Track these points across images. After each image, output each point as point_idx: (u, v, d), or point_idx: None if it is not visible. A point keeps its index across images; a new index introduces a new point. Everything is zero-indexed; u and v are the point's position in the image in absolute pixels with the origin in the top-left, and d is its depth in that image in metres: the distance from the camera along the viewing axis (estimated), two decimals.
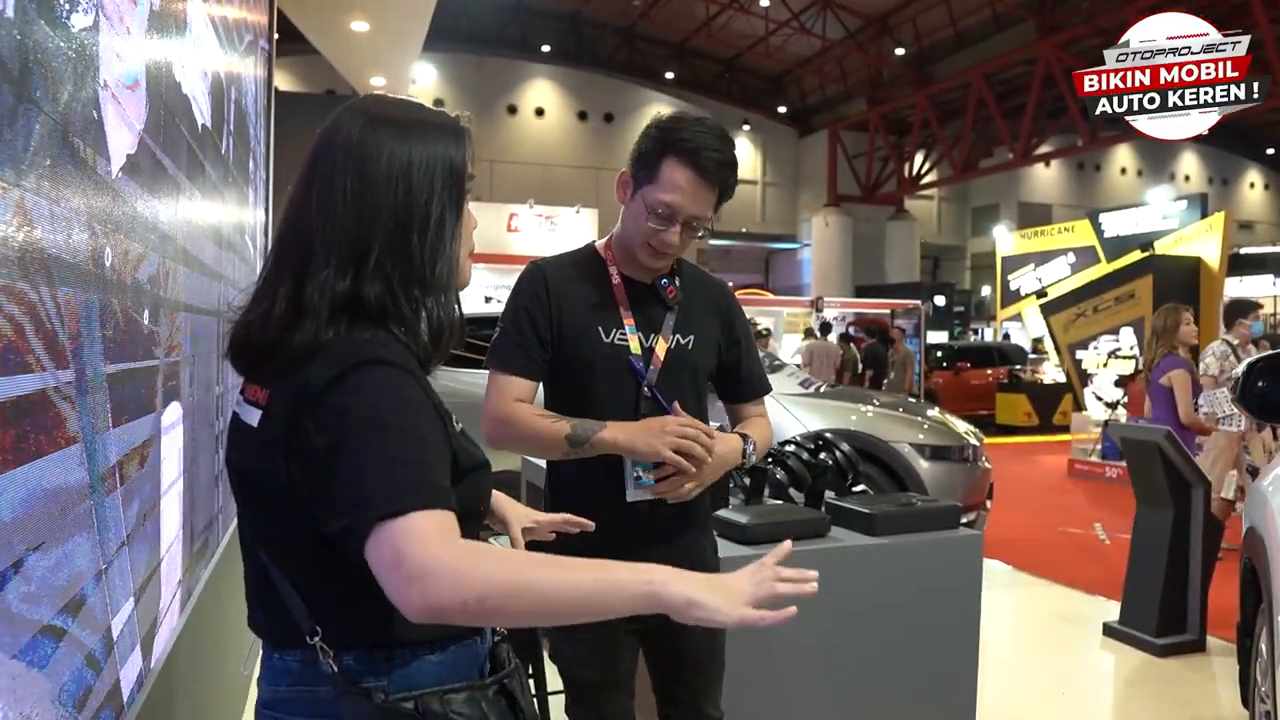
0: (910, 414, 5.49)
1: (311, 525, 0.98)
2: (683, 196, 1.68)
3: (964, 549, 2.61)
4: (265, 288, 1.06)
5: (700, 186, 1.69)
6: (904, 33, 22.03)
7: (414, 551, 0.90)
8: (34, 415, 1.01)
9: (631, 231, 1.76)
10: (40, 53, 1.02)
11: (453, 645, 1.09)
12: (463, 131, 1.12)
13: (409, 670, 1.05)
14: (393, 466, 0.94)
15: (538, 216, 15.85)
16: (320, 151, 1.07)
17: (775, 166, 27.18)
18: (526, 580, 0.92)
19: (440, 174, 1.07)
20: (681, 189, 1.68)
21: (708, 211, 1.72)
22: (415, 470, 0.95)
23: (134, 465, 1.53)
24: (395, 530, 0.91)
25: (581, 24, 24.24)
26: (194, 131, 2.24)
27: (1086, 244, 15.26)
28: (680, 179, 1.68)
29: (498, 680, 1.10)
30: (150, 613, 1.70)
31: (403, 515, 0.91)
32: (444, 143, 1.08)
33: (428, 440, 0.99)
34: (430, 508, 0.93)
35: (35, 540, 1.02)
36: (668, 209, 1.68)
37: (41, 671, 1.04)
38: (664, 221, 1.69)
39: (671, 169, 1.68)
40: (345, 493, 0.94)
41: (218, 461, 2.68)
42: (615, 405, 1.73)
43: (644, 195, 1.71)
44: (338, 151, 1.05)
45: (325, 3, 6.42)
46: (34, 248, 1.00)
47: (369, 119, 1.07)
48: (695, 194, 1.69)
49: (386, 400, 0.97)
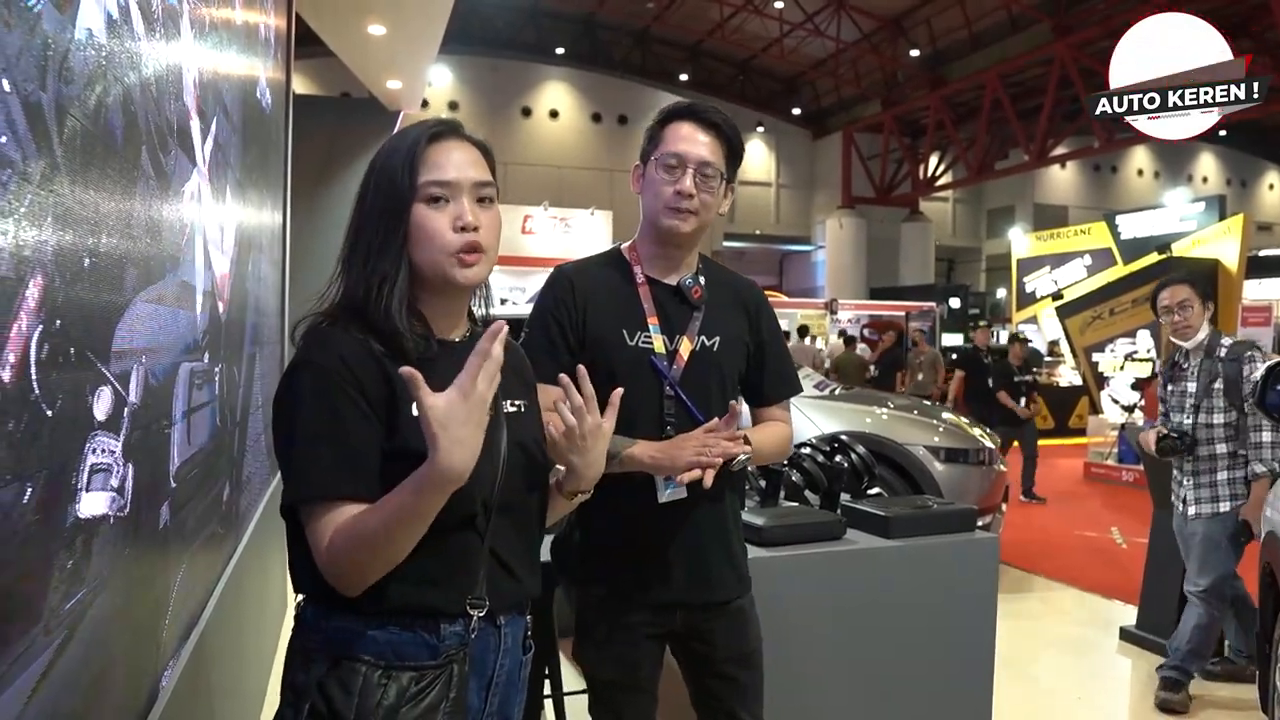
0: (925, 417, 5.47)
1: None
2: (688, 143, 1.74)
3: (979, 552, 2.61)
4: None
5: (703, 133, 1.75)
6: (919, 34, 21.95)
7: (312, 542, 1.13)
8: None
9: (651, 204, 1.78)
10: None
11: (393, 625, 1.16)
12: (418, 135, 1.22)
13: (338, 629, 1.16)
14: (301, 458, 1.14)
15: (552, 219, 15.88)
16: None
17: (789, 168, 27.13)
18: (360, 537, 1.09)
19: (380, 178, 1.21)
20: (685, 138, 1.75)
21: (716, 160, 1.75)
22: (309, 464, 1.13)
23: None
24: (305, 516, 1.14)
25: (596, 26, 24.27)
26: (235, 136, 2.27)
27: (1103, 246, 15.15)
28: (683, 130, 1.75)
29: (396, 668, 1.15)
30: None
31: (303, 503, 1.14)
32: (392, 150, 1.22)
33: (333, 435, 1.13)
34: (319, 499, 1.12)
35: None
36: (675, 157, 1.73)
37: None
38: (675, 172, 1.73)
39: (672, 128, 1.77)
40: (282, 467, 1.17)
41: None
42: (640, 407, 1.72)
43: (653, 163, 1.77)
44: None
45: (342, 6, 6.46)
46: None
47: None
48: (699, 140, 1.74)
49: (305, 398, 1.15)
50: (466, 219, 1.20)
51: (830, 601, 2.38)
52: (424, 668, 1.16)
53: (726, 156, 1.77)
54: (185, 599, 1.93)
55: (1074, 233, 16.38)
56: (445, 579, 1.17)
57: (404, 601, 1.16)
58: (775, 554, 2.33)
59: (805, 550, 2.38)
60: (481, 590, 1.19)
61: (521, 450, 1.28)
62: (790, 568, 2.34)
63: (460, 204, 1.20)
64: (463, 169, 1.21)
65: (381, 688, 1.13)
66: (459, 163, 1.21)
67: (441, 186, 1.20)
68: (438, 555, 1.16)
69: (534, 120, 24.18)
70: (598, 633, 1.76)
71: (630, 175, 1.85)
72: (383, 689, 1.13)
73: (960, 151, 21.61)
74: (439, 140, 1.22)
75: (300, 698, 1.15)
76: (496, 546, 1.22)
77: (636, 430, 1.70)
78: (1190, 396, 3.51)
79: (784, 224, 26.99)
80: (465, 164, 1.22)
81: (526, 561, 1.29)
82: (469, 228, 1.20)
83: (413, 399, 1.05)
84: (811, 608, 2.36)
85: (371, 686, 1.13)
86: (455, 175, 1.20)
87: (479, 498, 1.16)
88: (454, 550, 1.18)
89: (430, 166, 1.20)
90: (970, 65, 21.62)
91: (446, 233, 1.19)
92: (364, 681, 1.13)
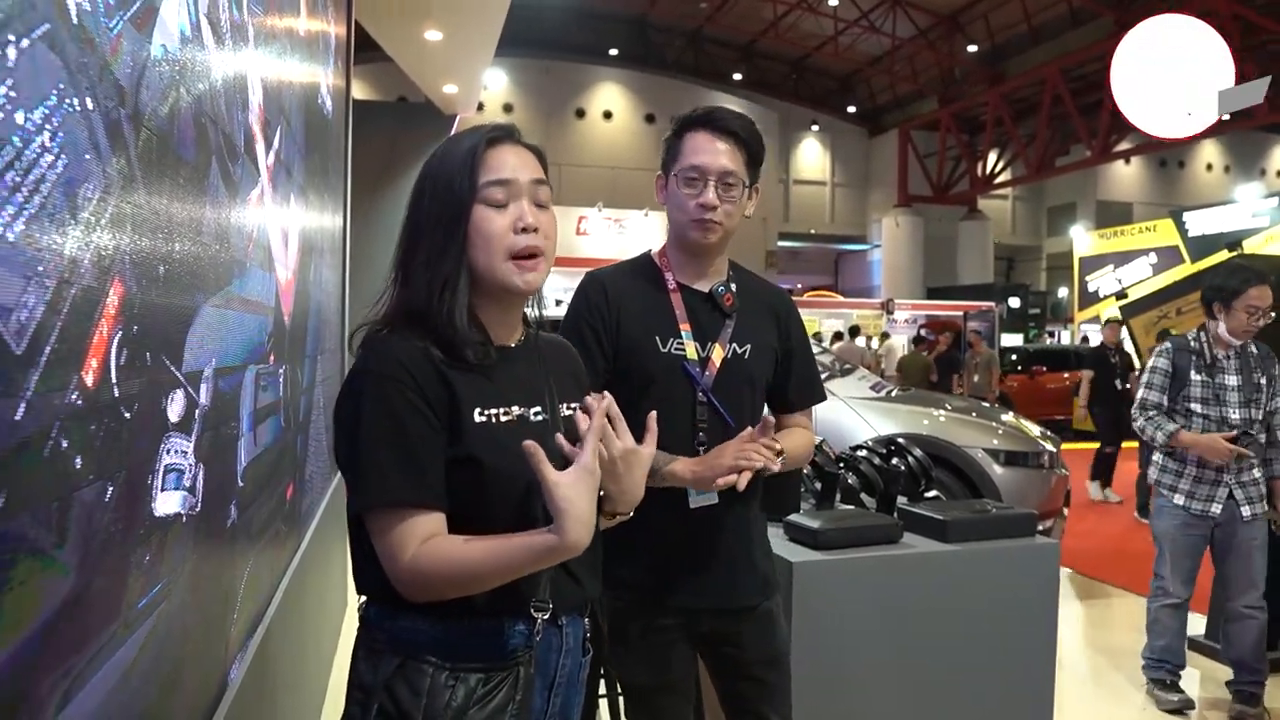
0: (984, 419, 5.39)
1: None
2: (707, 155, 1.75)
3: (1040, 557, 2.56)
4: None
5: (720, 142, 1.76)
6: (976, 30, 21.59)
7: (380, 554, 1.13)
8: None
9: (676, 217, 1.80)
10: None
11: (459, 626, 1.17)
12: (477, 139, 1.22)
13: (404, 629, 1.17)
14: (366, 467, 1.13)
15: (606, 219, 15.94)
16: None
17: (844, 167, 26.88)
18: (454, 567, 1.11)
19: (437, 182, 1.22)
20: (702, 149, 1.75)
21: (737, 167, 1.76)
22: (375, 472, 1.13)
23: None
24: (372, 524, 1.13)
25: (648, 27, 24.31)
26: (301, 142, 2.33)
27: (1169, 244, 14.77)
28: (699, 142, 1.76)
29: (466, 668, 1.16)
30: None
31: (370, 512, 1.13)
32: (447, 154, 1.23)
33: (397, 443, 1.13)
34: (387, 508, 1.12)
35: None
36: (695, 169, 1.75)
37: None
38: (696, 185, 1.74)
39: (690, 139, 1.78)
40: (347, 477, 1.17)
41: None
42: (672, 414, 1.72)
43: (674, 176, 1.78)
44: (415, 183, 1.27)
45: (400, 13, 6.56)
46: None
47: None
48: (717, 150, 1.75)
49: (367, 406, 1.14)
50: (527, 220, 1.21)
51: (886, 606, 2.36)
52: (491, 669, 1.17)
53: (746, 162, 1.78)
54: (251, 595, 1.98)
55: (1139, 230, 15.99)
56: (510, 583, 1.17)
57: (470, 604, 1.16)
58: (830, 557, 2.31)
59: (861, 554, 2.36)
60: (545, 593, 1.20)
61: None
62: (845, 571, 2.32)
63: (520, 205, 1.22)
64: (522, 171, 1.23)
65: (449, 689, 1.14)
66: (516, 164, 1.23)
67: (501, 186, 1.21)
68: None
69: (588, 122, 24.29)
70: (629, 637, 1.77)
71: (654, 186, 1.87)
72: (451, 690, 1.14)
73: (1020, 148, 21.20)
74: (496, 144, 1.24)
75: (369, 697, 1.16)
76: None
77: (669, 437, 1.71)
78: (1236, 391, 3.41)
79: (839, 223, 26.74)
80: (521, 165, 1.24)
81: (587, 564, 1.30)
82: (529, 228, 1.21)
83: (471, 408, 1.10)
84: (866, 612, 2.34)
85: (439, 687, 1.14)
86: (515, 175, 1.22)
87: (541, 502, 1.16)
88: None
89: (488, 168, 1.21)
90: (1030, 60, 21.21)
91: (507, 234, 1.20)
92: (431, 682, 1.14)
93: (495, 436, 1.18)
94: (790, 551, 2.30)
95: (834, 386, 5.27)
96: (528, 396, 1.24)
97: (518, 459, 1.10)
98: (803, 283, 24.28)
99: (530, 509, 1.18)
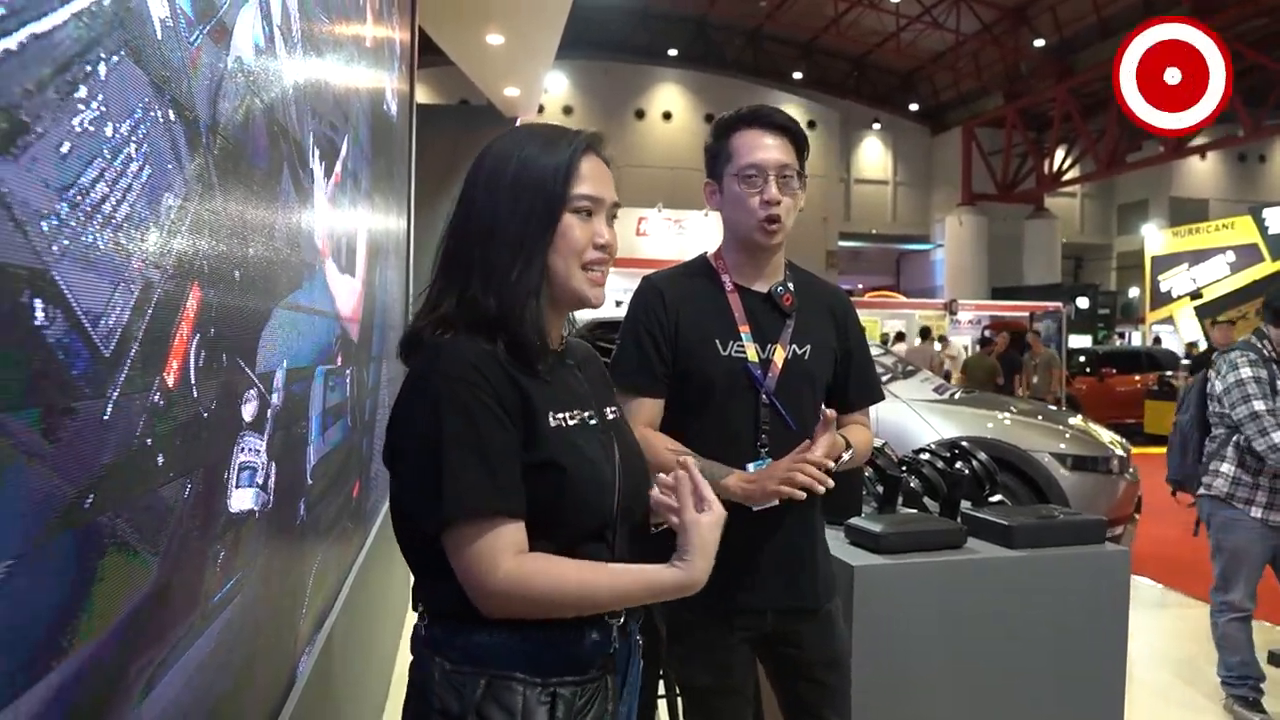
0: (1051, 422, 5.27)
1: (395, 506, 1.16)
2: (763, 151, 1.74)
3: (1110, 565, 2.50)
4: (426, 294, 1.23)
5: (772, 138, 1.76)
6: (1043, 23, 21.11)
7: (460, 570, 1.07)
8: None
9: (737, 219, 1.79)
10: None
11: (537, 638, 1.12)
12: (574, 145, 1.20)
13: (479, 644, 1.11)
14: (444, 480, 1.06)
15: (666, 220, 15.95)
16: (465, 181, 1.22)
17: (907, 165, 26.51)
18: (565, 587, 1.08)
19: (524, 183, 1.17)
20: (756, 146, 1.75)
21: (791, 160, 1.76)
22: (457, 481, 1.07)
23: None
24: (455, 536, 1.07)
25: (707, 27, 24.26)
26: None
27: (1248, 241, 14.27)
28: (751, 139, 1.76)
29: (560, 682, 1.13)
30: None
31: (454, 524, 1.07)
32: (533, 159, 1.18)
33: (477, 453, 1.08)
34: (481, 517, 1.07)
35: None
36: (754, 167, 1.74)
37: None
38: (756, 181, 1.74)
39: (740, 138, 1.77)
40: (411, 490, 1.12)
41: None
42: (735, 417, 1.73)
43: (730, 178, 1.77)
44: (468, 181, 1.22)
45: (463, 18, 6.65)
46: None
47: (487, 149, 1.22)
48: (771, 146, 1.75)
49: (442, 412, 1.09)
50: (605, 237, 1.21)
51: (948, 612, 2.33)
52: (583, 681, 1.15)
53: (797, 155, 1.79)
54: (319, 591, 2.03)
55: (1215, 228, 15.48)
56: None
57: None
58: (892, 561, 2.29)
59: (923, 558, 2.33)
60: None
61: (630, 457, 1.28)
62: (907, 576, 2.29)
63: (600, 220, 1.21)
64: (605, 187, 1.23)
65: (545, 705, 1.11)
66: (604, 179, 1.23)
67: (590, 201, 1.20)
68: None
69: (647, 122, 24.33)
70: (689, 639, 1.77)
71: (704, 192, 1.86)
72: (548, 707, 1.11)
73: (1089, 144, 20.65)
74: (588, 153, 1.22)
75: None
76: (622, 555, 1.23)
77: (731, 441, 1.72)
78: None
79: (901, 222, 26.38)
80: (606, 181, 1.23)
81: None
82: (606, 246, 1.21)
83: (545, 412, 1.12)
84: (928, 618, 2.31)
85: (533, 706, 1.10)
86: (602, 193, 1.21)
87: (607, 508, 1.15)
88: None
89: (582, 179, 1.19)
90: (1100, 54, 20.63)
91: (588, 246, 1.20)
92: (524, 701, 1.10)
93: (571, 440, 1.16)
94: (851, 555, 2.28)
95: (896, 388, 5.20)
96: (580, 401, 1.24)
97: (592, 463, 1.11)
98: (864, 283, 24.03)
99: (603, 514, 1.17)
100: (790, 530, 1.78)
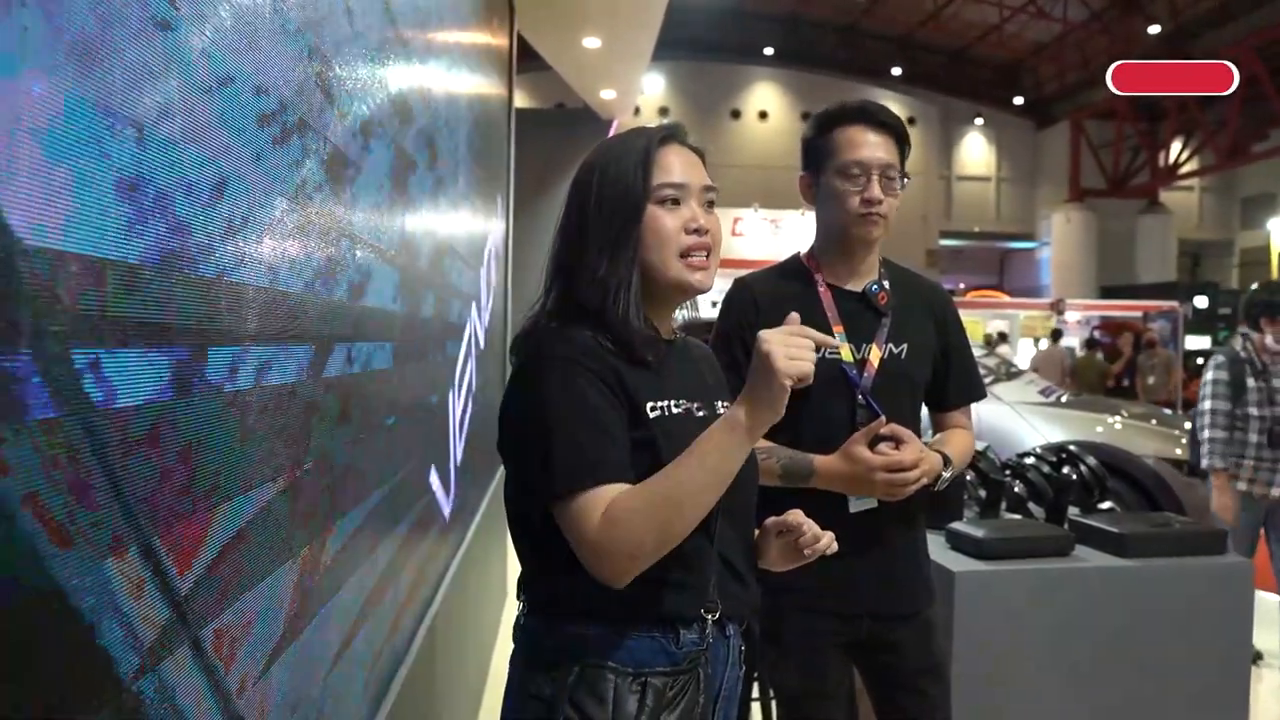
0: (1165, 427, 5.05)
1: (509, 493, 1.21)
2: (868, 149, 1.71)
3: (1231, 578, 2.38)
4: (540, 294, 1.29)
5: (876, 135, 1.72)
6: (1158, 9, 20.15)
7: (575, 537, 1.10)
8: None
9: (834, 216, 1.76)
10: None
11: (633, 632, 1.15)
12: (650, 138, 1.23)
13: (572, 636, 1.16)
14: (554, 451, 1.11)
15: (762, 220, 15.85)
16: (569, 189, 1.28)
17: (1011, 161, 25.69)
18: (651, 501, 1.08)
19: (608, 182, 1.22)
20: (860, 143, 1.72)
21: (895, 160, 1.73)
22: (570, 453, 1.11)
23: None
24: (567, 505, 1.10)
25: (801, 24, 23.98)
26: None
27: None
28: (855, 136, 1.73)
29: (654, 672, 1.15)
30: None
31: (561, 499, 1.10)
32: (617, 155, 1.23)
33: (586, 424, 1.13)
34: (582, 489, 1.09)
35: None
36: (858, 165, 1.71)
37: None
38: (859, 179, 1.71)
39: (843, 133, 1.74)
40: (524, 470, 1.17)
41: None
42: (831, 418, 1.71)
43: (830, 173, 1.74)
44: (569, 190, 1.27)
45: (560, 23, 6.74)
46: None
47: (585, 159, 1.27)
48: (876, 143, 1.72)
49: (553, 390, 1.14)
50: (699, 221, 1.23)
51: (1054, 622, 2.25)
52: (675, 672, 1.16)
53: (900, 153, 1.75)
54: (418, 584, 2.10)
55: None
56: (681, 582, 1.17)
57: (641, 606, 1.15)
58: (994, 568, 2.23)
59: (1028, 565, 2.27)
60: (714, 594, 1.20)
61: None
62: (1011, 583, 2.23)
63: (690, 206, 1.23)
64: (692, 173, 1.25)
65: (636, 694, 1.13)
66: (688, 166, 1.25)
67: (675, 189, 1.22)
68: (673, 558, 1.14)
69: (743, 122, 24.18)
70: (784, 642, 1.75)
71: (799, 185, 1.84)
72: (638, 695, 1.13)
73: (1207, 135, 19.63)
74: (667, 144, 1.25)
75: (552, 710, 1.14)
76: (723, 549, 1.23)
77: (828, 441, 1.69)
78: None
79: (1005, 220, 25.59)
80: (693, 167, 1.26)
81: (748, 564, 1.30)
82: (701, 230, 1.23)
83: (644, 401, 1.16)
84: (1033, 627, 2.24)
85: (624, 694, 1.12)
86: (687, 178, 1.23)
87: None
88: (688, 553, 1.16)
89: (662, 169, 1.22)
90: (1219, 39, 19.58)
91: (679, 233, 1.22)
92: (615, 690, 1.12)
93: (669, 428, 1.19)
94: (952, 560, 2.24)
95: (999, 391, 5.06)
96: (689, 392, 1.26)
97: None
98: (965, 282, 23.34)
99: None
100: (888, 533, 1.75)
